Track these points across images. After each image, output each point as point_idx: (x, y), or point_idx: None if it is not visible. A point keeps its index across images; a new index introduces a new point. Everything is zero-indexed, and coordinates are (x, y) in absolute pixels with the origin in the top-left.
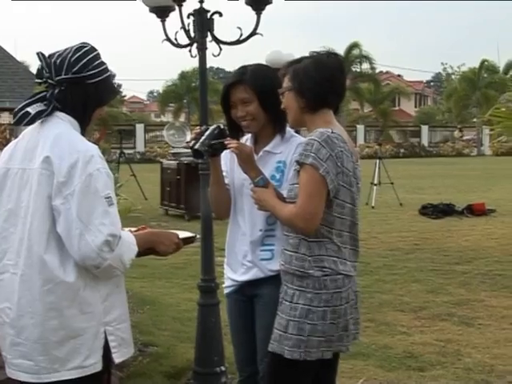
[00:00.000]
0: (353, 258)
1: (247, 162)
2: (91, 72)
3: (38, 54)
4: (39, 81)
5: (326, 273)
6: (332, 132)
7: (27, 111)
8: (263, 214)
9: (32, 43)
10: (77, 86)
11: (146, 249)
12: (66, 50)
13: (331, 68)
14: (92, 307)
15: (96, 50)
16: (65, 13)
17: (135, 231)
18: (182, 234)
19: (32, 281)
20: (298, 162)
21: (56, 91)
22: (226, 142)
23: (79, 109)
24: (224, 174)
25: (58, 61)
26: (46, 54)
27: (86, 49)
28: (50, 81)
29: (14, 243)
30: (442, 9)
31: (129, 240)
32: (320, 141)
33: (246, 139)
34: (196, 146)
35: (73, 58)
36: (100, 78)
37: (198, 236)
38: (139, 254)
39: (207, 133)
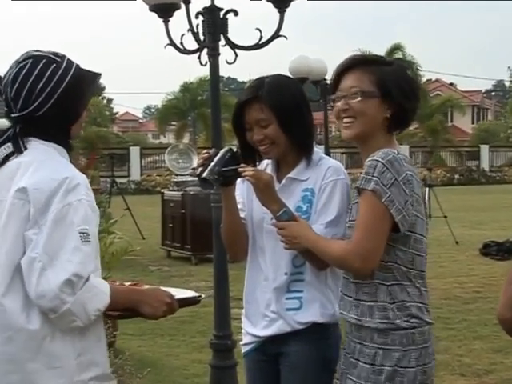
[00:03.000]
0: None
1: (266, 193)
2: (50, 95)
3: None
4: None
5: (414, 324)
6: (398, 153)
7: None
8: (288, 254)
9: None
10: (40, 113)
11: (129, 309)
12: (18, 73)
13: (415, 81)
14: (61, 362)
15: (53, 60)
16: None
17: (129, 286)
18: (180, 294)
19: None
20: (358, 188)
21: (21, 126)
22: (239, 170)
23: (55, 133)
24: (240, 206)
25: (13, 92)
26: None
27: (40, 68)
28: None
29: None
30: (504, 6)
31: (100, 287)
32: (384, 162)
33: (267, 164)
34: (204, 175)
35: (25, 89)
36: (62, 95)
37: (203, 296)
38: (121, 316)
39: (217, 157)
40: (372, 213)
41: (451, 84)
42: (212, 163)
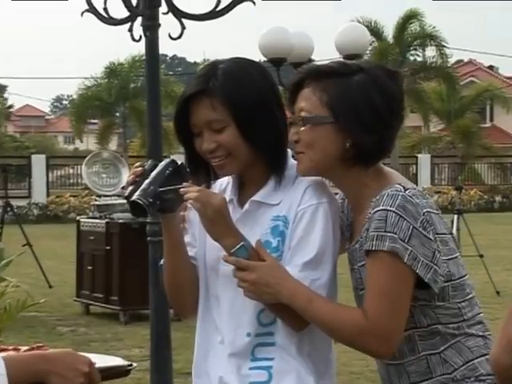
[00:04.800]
0: None
1: (217, 223)
2: None
3: None
4: None
5: (489, 382)
6: (405, 189)
7: None
8: (253, 307)
9: None
10: None
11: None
12: None
13: (398, 95)
14: None
15: None
16: None
17: (24, 351)
18: (103, 362)
19: None
20: (368, 251)
21: None
22: (181, 190)
23: None
24: (188, 239)
25: None
26: None
27: None
28: None
29: None
30: None
31: None
32: (395, 209)
33: (227, 183)
34: (134, 197)
35: None
36: None
37: (134, 366)
38: None
39: (154, 173)
40: (393, 279)
41: (491, 67)
42: (147, 181)
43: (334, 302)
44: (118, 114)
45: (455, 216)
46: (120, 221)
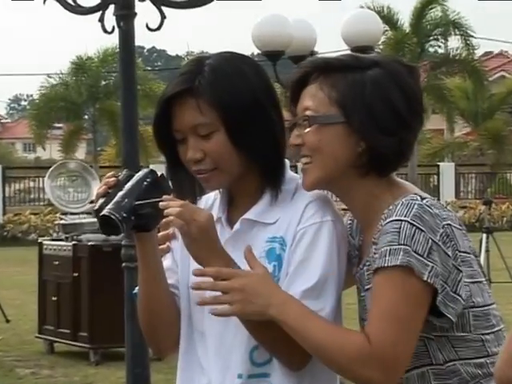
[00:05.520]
0: None
1: (202, 243)
2: None
3: None
4: None
5: None
6: (422, 198)
7: None
8: (244, 344)
9: None
10: None
11: None
12: None
13: (418, 94)
14: None
15: None
16: None
17: None
18: None
19: None
20: (379, 268)
21: None
22: (160, 204)
23: None
24: (167, 263)
25: None
26: None
27: None
28: None
29: None
30: None
31: None
32: (410, 219)
33: (214, 199)
34: (105, 211)
35: None
36: None
37: None
38: None
39: (130, 184)
40: (405, 300)
41: None
42: (120, 193)
43: (332, 322)
44: (86, 117)
45: (484, 235)
46: (90, 243)
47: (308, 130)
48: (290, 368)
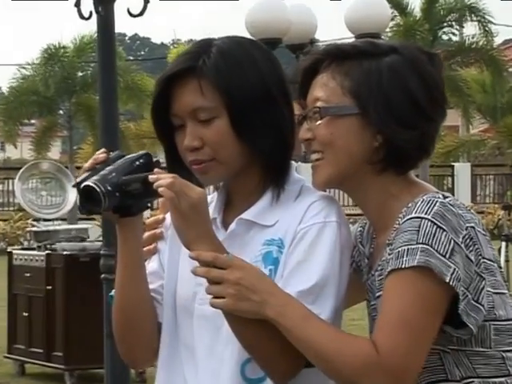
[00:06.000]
0: None
1: (191, 221)
2: None
3: None
4: None
5: None
6: (445, 196)
7: None
8: (235, 357)
9: None
10: None
11: None
12: None
13: (440, 83)
14: None
15: None
16: None
17: None
18: None
19: None
20: (393, 269)
21: None
22: (150, 177)
23: None
24: (152, 266)
25: None
26: None
27: None
28: None
29: None
30: None
31: None
32: (431, 217)
33: (211, 201)
34: (88, 181)
35: None
36: None
37: None
38: None
39: (121, 161)
40: (420, 305)
41: None
42: (108, 167)
43: (336, 327)
44: (61, 113)
45: (503, 243)
46: (65, 252)
47: (319, 122)
48: (276, 378)
